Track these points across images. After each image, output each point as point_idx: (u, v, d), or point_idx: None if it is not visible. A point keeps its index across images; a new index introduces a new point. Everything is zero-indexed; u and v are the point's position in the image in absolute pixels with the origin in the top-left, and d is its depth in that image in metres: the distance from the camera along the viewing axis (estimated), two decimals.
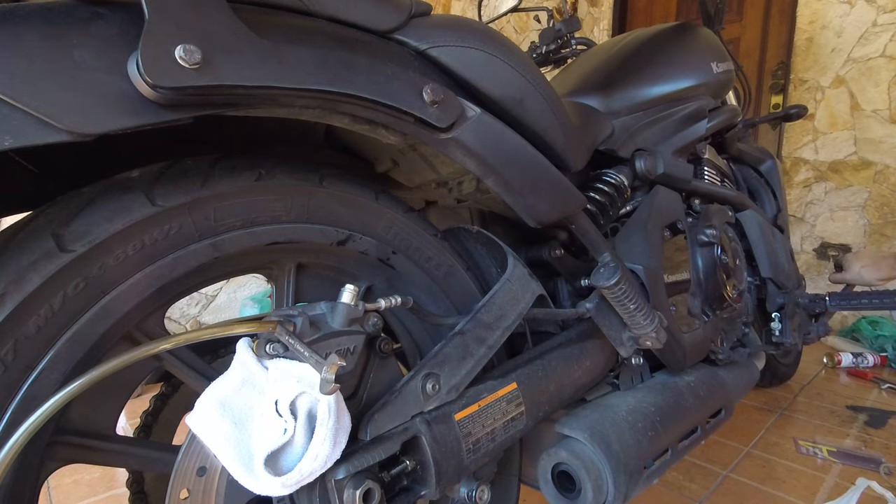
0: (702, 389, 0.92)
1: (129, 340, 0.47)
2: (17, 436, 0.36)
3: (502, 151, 0.61)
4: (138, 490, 0.69)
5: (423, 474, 0.56)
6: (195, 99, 0.39)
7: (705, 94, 1.10)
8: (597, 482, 0.69)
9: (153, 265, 0.44)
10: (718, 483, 1.23)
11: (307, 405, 0.46)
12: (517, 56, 0.64)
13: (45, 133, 0.33)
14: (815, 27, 2.45)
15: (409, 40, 0.56)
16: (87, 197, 0.42)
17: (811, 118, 2.51)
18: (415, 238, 0.64)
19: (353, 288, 0.52)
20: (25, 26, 0.33)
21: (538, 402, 0.69)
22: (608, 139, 0.92)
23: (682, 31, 1.14)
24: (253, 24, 0.41)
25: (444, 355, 0.60)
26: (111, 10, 0.37)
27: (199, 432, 0.43)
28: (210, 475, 0.47)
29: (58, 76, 0.33)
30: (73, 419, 0.47)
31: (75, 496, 1.26)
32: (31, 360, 0.39)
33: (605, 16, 3.23)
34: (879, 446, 1.39)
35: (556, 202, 0.68)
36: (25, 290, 0.38)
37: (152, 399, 0.71)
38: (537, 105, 0.66)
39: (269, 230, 0.51)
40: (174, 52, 0.36)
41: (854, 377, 1.92)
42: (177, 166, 0.46)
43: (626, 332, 0.80)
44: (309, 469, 0.45)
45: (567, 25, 1.32)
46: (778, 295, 1.27)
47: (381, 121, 0.52)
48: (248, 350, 0.47)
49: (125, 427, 1.52)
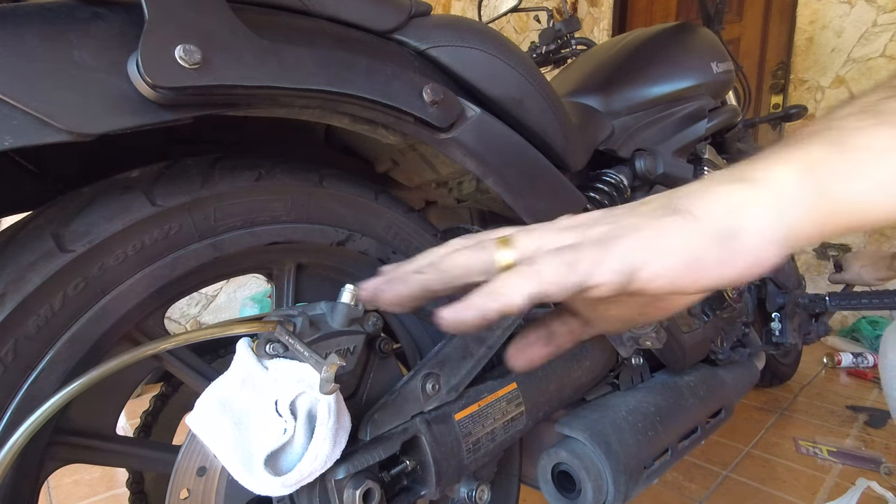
0: (702, 389, 0.92)
1: (129, 340, 0.47)
2: (17, 436, 0.36)
3: (502, 151, 0.61)
4: (138, 490, 0.69)
5: (423, 474, 0.56)
6: (195, 99, 0.39)
7: (705, 94, 1.10)
8: (597, 482, 0.69)
9: (153, 265, 0.44)
10: (718, 483, 1.23)
11: (307, 405, 0.46)
12: (517, 56, 0.64)
13: (45, 133, 0.33)
14: (815, 27, 2.45)
15: (409, 40, 0.56)
16: (87, 197, 0.42)
17: (811, 118, 2.51)
18: (415, 238, 0.64)
19: (353, 288, 0.52)
20: (25, 26, 0.33)
21: (538, 402, 0.69)
22: (608, 139, 0.92)
23: (682, 31, 1.14)
24: (253, 24, 0.41)
25: (444, 355, 0.60)
26: (111, 10, 0.37)
27: (199, 432, 0.43)
28: (210, 475, 0.47)
29: (58, 76, 0.33)
30: (73, 419, 0.47)
31: (75, 496, 1.26)
32: (31, 360, 0.39)
33: (605, 16, 3.23)
34: (879, 446, 1.39)
35: (556, 202, 0.68)
36: (25, 290, 0.38)
37: (152, 399, 0.71)
38: (537, 105, 0.66)
39: (269, 230, 0.51)
40: (174, 52, 0.36)
41: (854, 377, 1.92)
42: (177, 166, 0.46)
43: (625, 332, 0.80)
44: (309, 469, 0.45)
45: (567, 25, 1.32)
46: (778, 295, 1.28)
47: (381, 121, 0.52)
48: (248, 350, 0.47)
49: (125, 427, 1.52)
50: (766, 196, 0.28)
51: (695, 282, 0.28)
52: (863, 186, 0.27)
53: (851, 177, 0.27)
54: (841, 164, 0.27)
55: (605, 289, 0.27)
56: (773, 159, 0.29)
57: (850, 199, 0.27)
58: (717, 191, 0.29)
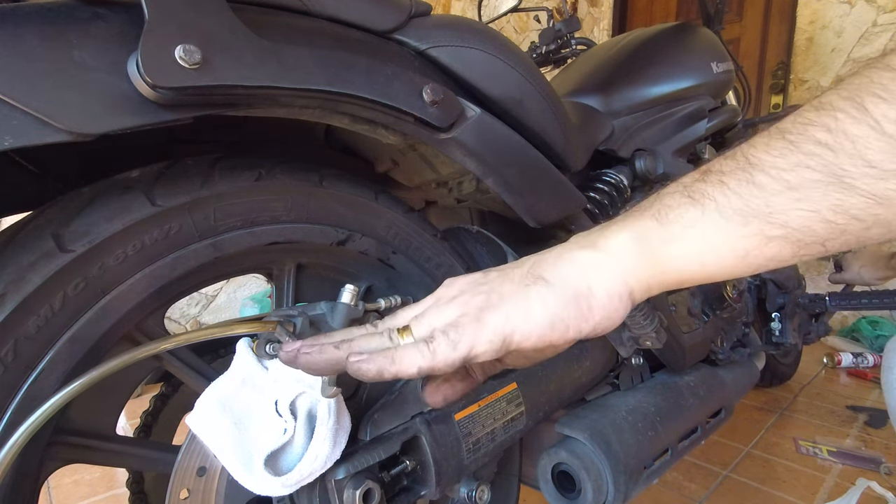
0: (702, 389, 0.92)
1: (129, 340, 0.47)
2: (17, 436, 0.36)
3: (502, 151, 0.61)
4: (138, 490, 0.69)
5: (423, 474, 0.56)
6: (195, 99, 0.39)
7: (705, 94, 1.10)
8: (597, 482, 0.69)
9: (153, 265, 0.44)
10: (718, 483, 1.23)
11: (307, 405, 0.46)
12: (517, 56, 0.64)
13: (45, 133, 0.33)
14: (815, 27, 2.45)
15: (409, 40, 0.56)
16: (87, 197, 0.42)
17: None
18: (415, 238, 0.64)
19: (353, 288, 0.52)
20: (25, 26, 0.33)
21: (538, 402, 0.69)
22: (608, 139, 0.92)
23: (682, 31, 1.14)
24: (253, 24, 0.41)
25: None
26: (111, 10, 0.37)
27: (199, 432, 0.43)
28: (210, 475, 0.47)
29: (58, 76, 0.33)
30: (73, 419, 0.46)
31: (75, 496, 1.26)
32: (31, 360, 0.39)
33: (605, 16, 3.23)
34: (879, 446, 1.39)
35: (556, 202, 0.68)
36: (25, 290, 0.37)
37: (152, 399, 0.71)
38: (537, 105, 0.66)
39: (269, 230, 0.51)
40: (174, 53, 0.36)
41: (854, 377, 1.92)
42: (177, 166, 0.46)
43: (625, 332, 0.80)
44: (309, 469, 0.45)
45: (567, 25, 1.32)
46: (778, 295, 1.28)
47: (381, 121, 0.52)
48: (248, 350, 0.47)
49: (125, 427, 1.52)
50: (610, 260, 0.34)
51: (561, 336, 0.33)
52: (677, 251, 0.33)
53: (668, 243, 0.33)
54: (661, 234, 0.34)
55: (487, 356, 0.33)
56: (615, 229, 0.36)
57: (671, 262, 0.34)
58: (571, 258, 0.35)
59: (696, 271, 0.34)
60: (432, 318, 0.35)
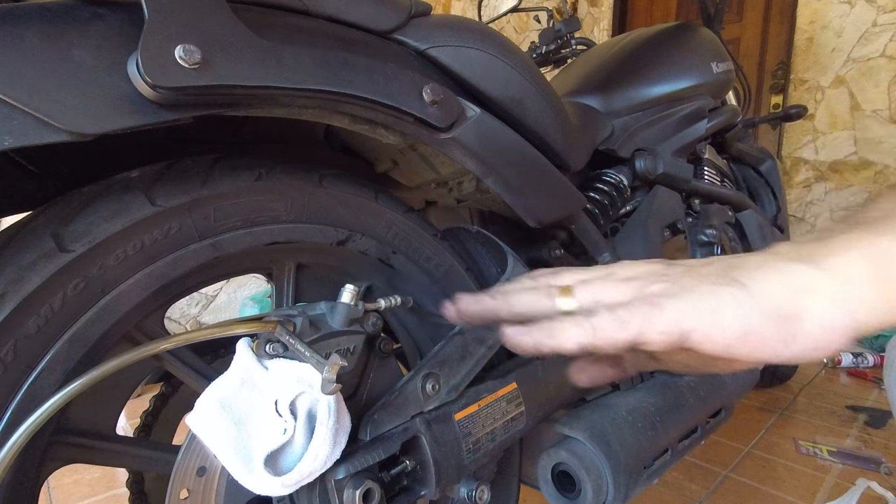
0: (702, 389, 0.92)
1: (129, 340, 0.47)
2: (17, 436, 0.36)
3: (502, 151, 0.61)
4: (138, 490, 0.69)
5: (423, 474, 0.56)
6: (195, 99, 0.39)
7: (705, 94, 1.10)
8: (597, 482, 0.69)
9: (153, 265, 0.44)
10: (718, 483, 1.23)
11: (307, 405, 0.46)
12: (517, 56, 0.64)
13: (45, 133, 0.33)
14: (815, 27, 2.45)
15: (409, 40, 0.56)
16: (87, 197, 0.42)
17: (811, 118, 2.51)
18: (415, 238, 0.64)
19: (353, 288, 0.52)
20: (25, 26, 0.33)
21: (538, 402, 0.69)
22: (608, 139, 0.92)
23: (682, 31, 1.14)
24: (253, 24, 0.41)
25: (444, 355, 0.60)
26: (111, 10, 0.37)
27: (199, 432, 0.43)
28: (210, 475, 0.47)
29: (58, 76, 0.33)
30: (73, 419, 0.46)
31: (75, 496, 1.26)
32: (31, 360, 0.39)
33: (605, 16, 3.23)
34: (879, 446, 1.39)
35: (556, 202, 0.68)
36: (25, 290, 0.37)
37: (152, 399, 0.71)
38: (537, 105, 0.66)
39: (269, 230, 0.51)
40: (174, 52, 0.36)
41: (854, 377, 1.92)
42: (177, 166, 0.46)
43: None
44: (309, 469, 0.45)
45: (567, 25, 1.32)
46: None
47: (380, 121, 0.52)
48: (248, 350, 0.47)
49: (125, 427, 1.52)
50: (833, 283, 0.28)
51: (749, 353, 0.28)
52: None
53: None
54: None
55: (656, 346, 0.29)
56: (841, 245, 0.29)
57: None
58: (780, 268, 0.29)
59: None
60: (599, 290, 0.32)
